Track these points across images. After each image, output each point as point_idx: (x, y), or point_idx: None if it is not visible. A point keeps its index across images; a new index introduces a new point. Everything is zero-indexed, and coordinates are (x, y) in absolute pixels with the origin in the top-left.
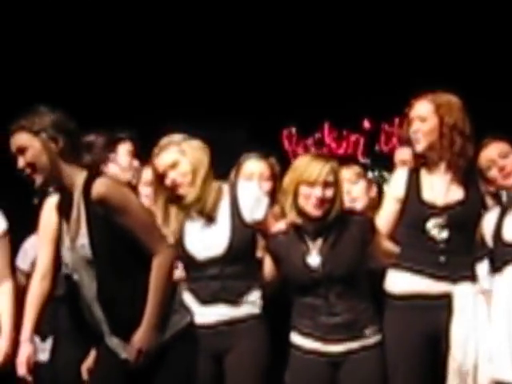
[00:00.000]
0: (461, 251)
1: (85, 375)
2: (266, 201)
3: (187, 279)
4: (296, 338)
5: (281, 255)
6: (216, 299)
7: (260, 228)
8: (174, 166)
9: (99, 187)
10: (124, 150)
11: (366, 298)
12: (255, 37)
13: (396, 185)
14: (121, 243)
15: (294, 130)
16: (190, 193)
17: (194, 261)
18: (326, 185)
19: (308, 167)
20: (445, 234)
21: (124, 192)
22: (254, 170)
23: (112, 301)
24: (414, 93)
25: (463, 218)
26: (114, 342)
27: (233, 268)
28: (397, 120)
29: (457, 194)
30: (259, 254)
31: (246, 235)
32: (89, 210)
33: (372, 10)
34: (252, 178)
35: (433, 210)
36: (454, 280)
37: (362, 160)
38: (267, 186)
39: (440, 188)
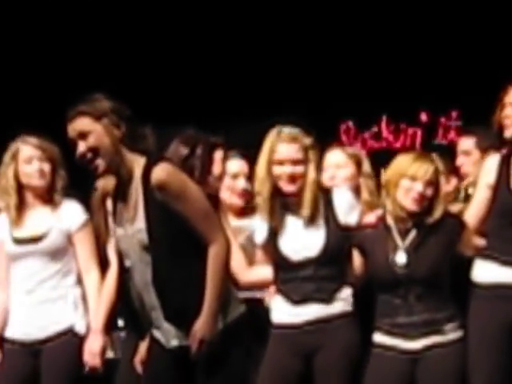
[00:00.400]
0: None
1: (139, 368)
2: (358, 207)
3: (277, 280)
4: (376, 336)
5: (366, 250)
6: (309, 299)
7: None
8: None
9: (159, 173)
10: (218, 156)
11: (446, 298)
12: (313, 30)
13: (488, 172)
14: (177, 230)
15: (351, 123)
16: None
17: (288, 262)
18: (427, 183)
19: (413, 164)
20: None
21: (183, 179)
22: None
23: (167, 286)
24: (470, 86)
25: None
26: (165, 328)
27: (326, 270)
28: (454, 113)
29: None
30: None
31: (340, 238)
32: (147, 195)
33: (429, 2)
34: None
35: None
36: None
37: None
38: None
39: None
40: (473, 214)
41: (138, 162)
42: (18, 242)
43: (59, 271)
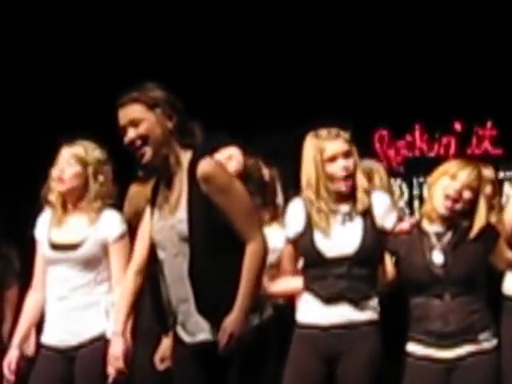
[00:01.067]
0: None
1: (159, 365)
2: (395, 213)
3: (308, 277)
4: (410, 346)
5: (401, 253)
6: (340, 298)
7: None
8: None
9: (206, 166)
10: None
11: (482, 303)
12: (348, 39)
13: None
14: (218, 224)
15: (385, 132)
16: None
17: (323, 258)
18: (467, 186)
19: (457, 165)
20: None
21: (229, 174)
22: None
23: (203, 278)
24: (506, 96)
25: None
26: (193, 321)
27: (360, 270)
28: (488, 123)
29: None
30: None
31: (375, 239)
32: (192, 187)
33: (460, 13)
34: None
35: None
36: None
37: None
38: None
39: None
40: (509, 220)
41: (184, 155)
42: (54, 246)
43: (93, 280)
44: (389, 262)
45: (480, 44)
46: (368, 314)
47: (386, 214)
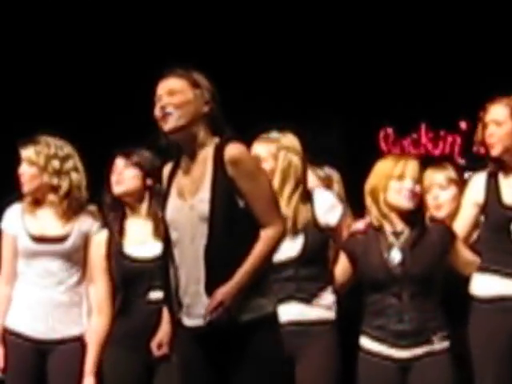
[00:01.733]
0: None
1: (155, 351)
2: (340, 208)
3: None
4: (365, 342)
5: (358, 253)
6: (290, 298)
7: (332, 233)
8: None
9: (235, 149)
10: None
11: (437, 305)
12: (353, 37)
13: (475, 190)
14: (238, 208)
15: (390, 130)
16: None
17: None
18: (416, 181)
19: (396, 164)
20: None
21: (255, 160)
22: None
23: (219, 259)
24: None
25: None
26: (203, 301)
27: (307, 270)
28: None
29: None
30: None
31: (319, 239)
32: (217, 169)
33: (472, 11)
34: None
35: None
36: None
37: (459, 161)
38: None
39: None
40: (459, 229)
41: (211, 140)
42: (36, 239)
43: (74, 275)
44: (343, 263)
45: (485, 41)
46: (320, 312)
47: (328, 211)
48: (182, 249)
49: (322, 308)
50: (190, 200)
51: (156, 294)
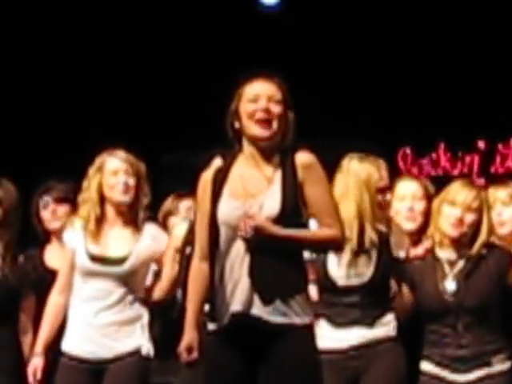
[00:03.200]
0: None
1: (185, 356)
2: (407, 240)
3: (321, 303)
4: (427, 366)
5: (415, 280)
6: (352, 324)
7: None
8: None
9: (308, 155)
10: None
11: (496, 330)
12: (371, 57)
13: None
14: (301, 213)
15: (408, 150)
16: None
17: (335, 286)
18: (468, 209)
19: (455, 189)
20: None
21: (322, 168)
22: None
23: (277, 259)
24: None
25: None
26: (246, 297)
27: (373, 297)
28: None
29: None
30: None
31: (389, 268)
32: (286, 173)
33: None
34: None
35: None
36: None
37: (477, 181)
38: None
39: None
40: None
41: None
42: (95, 259)
43: (129, 294)
44: (406, 291)
45: (503, 61)
46: (382, 330)
47: (399, 242)
48: (237, 246)
49: (384, 326)
50: (253, 201)
51: None
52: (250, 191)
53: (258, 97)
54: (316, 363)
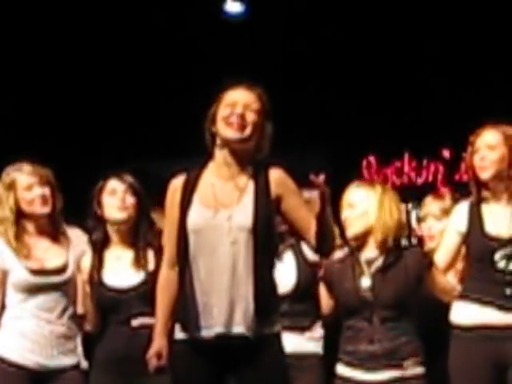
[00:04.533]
0: None
1: (154, 362)
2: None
3: None
4: (339, 368)
5: (334, 280)
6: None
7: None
8: None
9: (281, 172)
10: None
11: (411, 332)
12: (335, 66)
13: (458, 219)
14: (275, 223)
15: (373, 158)
16: None
17: None
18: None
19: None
20: (504, 265)
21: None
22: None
23: (263, 270)
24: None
25: None
26: (237, 312)
27: (300, 305)
28: None
29: None
30: None
31: (309, 274)
32: (258, 186)
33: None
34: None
35: (498, 243)
36: None
37: (441, 189)
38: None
39: (503, 220)
40: (441, 257)
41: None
42: (36, 272)
43: (69, 307)
44: (323, 292)
45: (468, 70)
46: (312, 346)
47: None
48: (217, 257)
49: (314, 341)
50: (227, 211)
51: (136, 321)
52: (221, 201)
53: (236, 103)
54: (287, 368)
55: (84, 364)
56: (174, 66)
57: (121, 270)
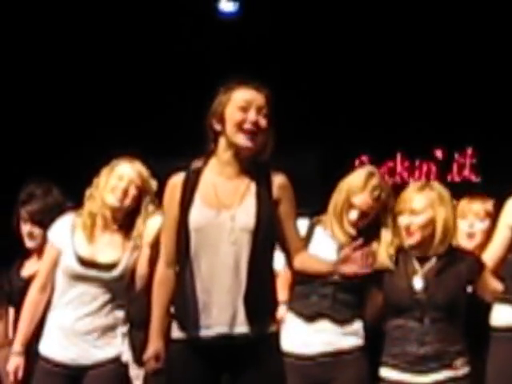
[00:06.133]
0: None
1: (152, 363)
2: None
3: (292, 296)
4: (384, 372)
5: (385, 279)
6: (322, 316)
7: None
8: None
9: (284, 177)
10: None
11: (460, 333)
12: (328, 67)
13: (509, 212)
14: (275, 227)
15: (365, 158)
16: None
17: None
18: (412, 212)
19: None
20: None
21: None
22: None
23: (259, 271)
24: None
25: None
26: (233, 313)
27: (345, 295)
28: (469, 150)
29: None
30: None
31: None
32: (260, 187)
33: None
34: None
35: None
36: None
37: None
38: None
39: None
40: (493, 255)
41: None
42: (84, 262)
43: (113, 300)
44: (375, 293)
45: (461, 71)
46: (352, 339)
47: None
48: (218, 256)
49: (354, 335)
50: (229, 211)
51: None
52: (223, 201)
53: (249, 106)
54: (283, 367)
55: (125, 356)
56: (169, 65)
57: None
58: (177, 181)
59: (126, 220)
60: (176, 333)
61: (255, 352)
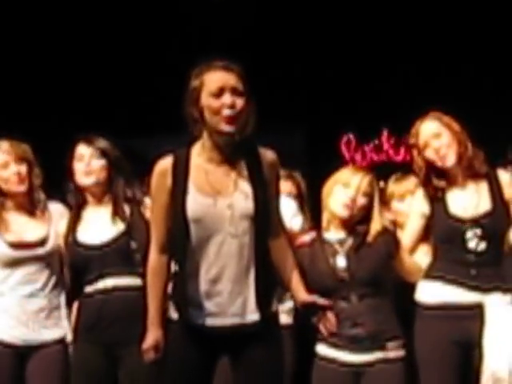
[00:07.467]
0: (491, 262)
1: (151, 355)
2: (300, 217)
3: None
4: (321, 349)
5: (305, 264)
6: None
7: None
8: None
9: (273, 153)
10: None
11: (390, 308)
12: (314, 45)
13: (422, 201)
14: (271, 206)
15: (352, 136)
16: None
17: None
18: (361, 192)
19: (349, 173)
20: (474, 245)
21: None
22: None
23: (264, 258)
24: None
25: (493, 229)
26: (241, 302)
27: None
28: None
29: (484, 205)
30: None
31: None
32: (253, 170)
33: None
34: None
35: (461, 224)
36: (485, 290)
37: None
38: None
39: (467, 200)
40: (406, 240)
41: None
42: (14, 246)
43: (51, 277)
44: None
45: (443, 49)
46: (283, 318)
47: (292, 218)
48: (219, 245)
49: (284, 314)
50: (225, 199)
51: (107, 282)
52: (217, 188)
53: (222, 90)
54: (282, 344)
55: (69, 337)
56: (155, 42)
57: (97, 228)
58: (165, 166)
59: (30, 198)
60: (174, 314)
61: (259, 333)
